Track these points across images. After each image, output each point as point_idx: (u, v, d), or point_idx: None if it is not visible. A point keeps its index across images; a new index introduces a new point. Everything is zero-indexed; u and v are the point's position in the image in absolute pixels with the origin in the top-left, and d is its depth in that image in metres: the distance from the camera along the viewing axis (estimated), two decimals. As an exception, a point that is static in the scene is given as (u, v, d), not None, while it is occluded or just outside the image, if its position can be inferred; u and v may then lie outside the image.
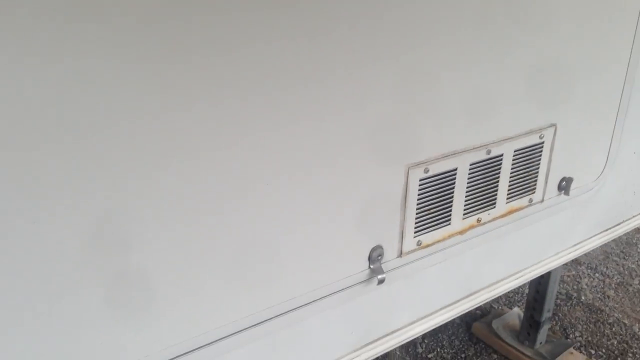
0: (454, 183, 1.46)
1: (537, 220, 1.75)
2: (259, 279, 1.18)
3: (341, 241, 1.29)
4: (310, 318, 1.32)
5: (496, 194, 1.58)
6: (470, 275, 1.66)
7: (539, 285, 2.43)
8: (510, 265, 1.78)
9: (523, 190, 1.65)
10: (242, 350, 1.23)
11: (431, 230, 1.47)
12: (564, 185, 1.76)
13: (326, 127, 1.16)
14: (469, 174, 1.48)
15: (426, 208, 1.43)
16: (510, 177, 1.60)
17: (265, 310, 1.22)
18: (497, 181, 1.57)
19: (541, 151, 1.65)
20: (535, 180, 1.67)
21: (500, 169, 1.56)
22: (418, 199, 1.40)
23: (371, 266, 1.38)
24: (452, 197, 1.47)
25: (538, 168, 1.66)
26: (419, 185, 1.39)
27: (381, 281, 1.38)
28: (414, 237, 1.44)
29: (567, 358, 2.48)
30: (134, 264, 1.00)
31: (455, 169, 1.45)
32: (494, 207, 1.60)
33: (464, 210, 1.52)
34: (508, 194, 1.61)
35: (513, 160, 1.58)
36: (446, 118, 1.37)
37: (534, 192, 1.68)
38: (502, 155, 1.55)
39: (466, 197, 1.50)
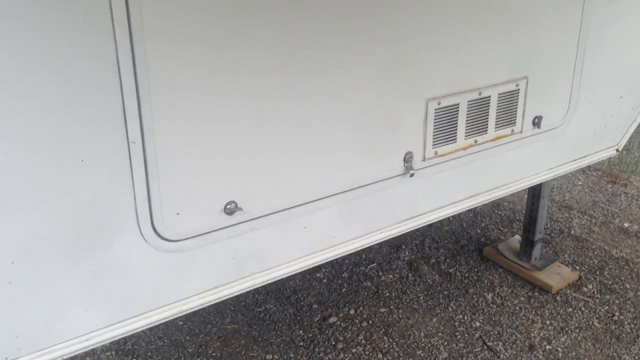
0: (457, 113, 2.25)
1: (518, 147, 2.52)
2: (343, 164, 1.98)
3: (388, 147, 2.09)
4: (368, 195, 2.12)
5: (487, 123, 2.37)
6: (471, 181, 2.44)
7: (532, 212, 3.19)
8: (500, 178, 2.55)
9: (506, 123, 2.43)
10: (324, 212, 2.02)
11: (443, 145, 2.26)
12: (537, 122, 2.53)
13: (385, 76, 1.96)
14: (467, 107, 2.27)
15: (439, 129, 2.22)
16: (497, 113, 2.38)
17: (342, 187, 2.02)
18: (487, 114, 2.35)
19: (517, 95, 2.42)
20: (515, 116, 2.45)
21: (489, 106, 2.34)
22: (434, 122, 2.19)
23: (405, 164, 2.17)
24: (456, 122, 2.26)
25: (516, 107, 2.44)
26: (434, 112, 2.18)
27: (412, 175, 2.18)
28: (432, 148, 2.23)
29: (555, 269, 3.24)
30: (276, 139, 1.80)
31: (458, 104, 2.24)
32: (486, 132, 2.38)
33: (465, 132, 2.31)
34: (496, 124, 2.40)
35: (498, 100, 2.36)
36: (452, 68, 2.16)
37: (514, 125, 2.46)
38: (489, 96, 2.33)
39: (466, 123, 2.29)
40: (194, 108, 1.62)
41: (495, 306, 3.04)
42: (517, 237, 3.47)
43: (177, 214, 1.69)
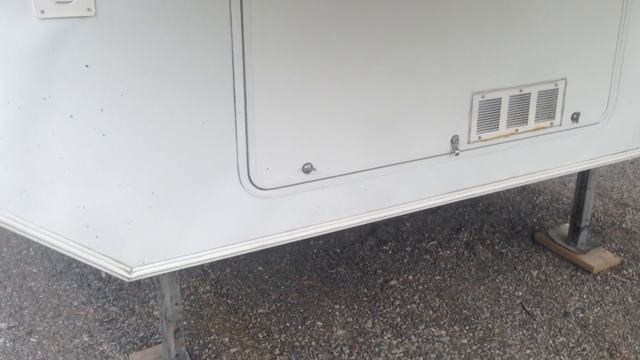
0: (499, 105, 2.70)
1: (557, 138, 2.93)
2: (400, 140, 2.49)
3: (438, 129, 2.58)
4: (419, 168, 2.62)
5: (527, 116, 2.80)
6: (512, 164, 2.88)
7: (579, 201, 3.56)
8: (540, 163, 2.96)
9: (545, 116, 2.85)
10: (381, 178, 2.54)
11: (486, 131, 2.72)
12: (575, 117, 2.93)
13: (447, 71, 2.46)
14: (509, 101, 2.72)
15: (483, 117, 2.68)
16: (537, 107, 2.81)
17: (398, 159, 2.53)
18: (528, 108, 2.79)
19: (557, 94, 2.84)
20: (554, 111, 2.87)
21: (529, 101, 2.78)
22: (478, 112, 2.66)
23: (452, 145, 2.65)
24: (498, 113, 2.71)
25: (555, 103, 2.86)
26: (479, 104, 2.65)
27: (457, 154, 2.65)
28: (476, 133, 2.70)
29: (598, 253, 3.59)
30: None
31: (500, 98, 2.70)
32: (526, 123, 2.81)
33: (507, 122, 2.75)
34: (536, 117, 2.82)
35: (538, 97, 2.79)
36: (495, 67, 2.62)
37: (553, 118, 2.88)
38: (530, 93, 2.77)
39: (508, 114, 2.74)
40: (282, 91, 2.20)
41: (539, 281, 3.44)
42: (567, 225, 3.83)
43: (267, 169, 2.27)
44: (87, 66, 1.88)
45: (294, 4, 2.12)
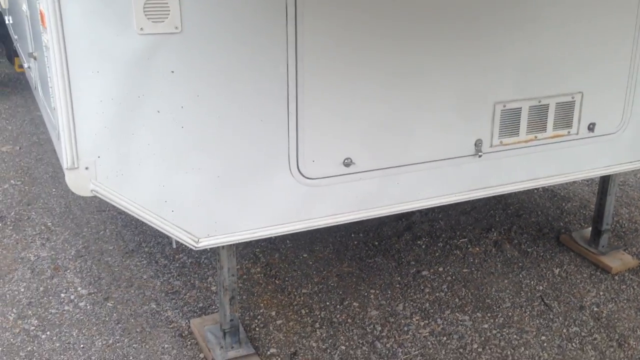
0: (520, 114, 3.06)
1: (575, 145, 3.26)
2: (430, 140, 2.88)
3: (464, 133, 2.96)
4: (446, 167, 3.00)
5: (546, 124, 3.14)
6: (532, 167, 3.22)
7: (600, 206, 3.86)
8: (558, 167, 3.28)
9: (563, 125, 3.19)
10: (413, 174, 2.93)
11: (508, 137, 3.08)
12: (591, 127, 3.25)
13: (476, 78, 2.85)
14: (529, 111, 3.07)
15: (504, 124, 3.04)
16: (555, 117, 3.15)
17: (427, 157, 2.92)
18: (546, 117, 3.13)
19: (573, 106, 3.18)
20: (571, 121, 3.20)
21: (547, 111, 3.12)
22: (500, 119, 3.02)
23: (475, 148, 3.02)
24: (519, 121, 3.07)
25: (572, 114, 3.19)
26: (500, 112, 3.01)
27: (480, 156, 3.02)
28: (498, 138, 3.06)
29: (618, 255, 3.87)
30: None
31: (520, 108, 3.06)
32: (545, 131, 3.16)
33: (527, 129, 3.11)
34: (554, 125, 3.16)
35: (556, 108, 3.14)
36: (516, 80, 2.99)
37: (570, 127, 3.21)
38: (548, 104, 3.11)
39: (527, 122, 3.09)
40: (328, 95, 2.63)
41: (560, 278, 3.76)
42: (590, 229, 4.12)
43: (313, 161, 2.70)
44: (172, 72, 2.35)
45: (342, 24, 2.56)
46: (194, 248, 2.60)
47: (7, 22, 5.58)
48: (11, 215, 4.46)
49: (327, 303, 3.53)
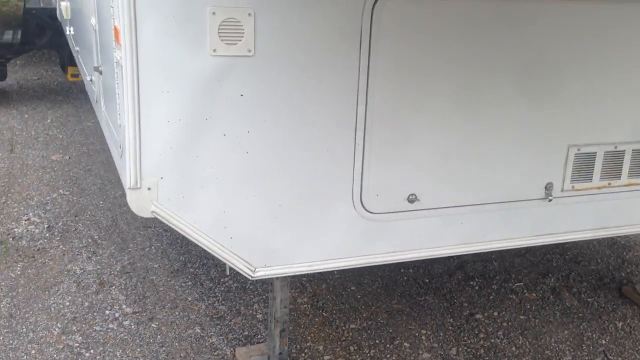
0: (594, 159, 2.91)
1: (650, 195, 3.09)
2: (499, 182, 2.75)
3: (535, 175, 2.82)
4: (514, 209, 2.85)
5: (621, 170, 2.98)
6: (604, 215, 3.05)
7: (670, 259, 3.65)
8: (631, 217, 3.11)
9: (639, 173, 3.02)
10: (479, 215, 2.80)
11: (580, 182, 2.92)
12: (670, 177, 3.08)
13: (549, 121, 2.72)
14: (604, 156, 2.92)
15: (577, 168, 2.89)
16: (630, 164, 2.98)
17: (495, 199, 2.79)
18: (622, 164, 2.97)
19: (652, 154, 3.01)
20: (648, 170, 3.04)
21: (623, 157, 2.96)
22: (573, 163, 2.87)
23: (545, 191, 2.88)
24: (593, 166, 2.92)
25: (649, 163, 3.03)
26: (574, 156, 2.87)
27: (550, 200, 2.88)
28: (570, 182, 2.91)
29: (687, 312, 3.65)
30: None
31: (595, 152, 2.90)
32: (619, 178, 2.99)
33: (600, 175, 2.95)
34: (629, 173, 3.00)
35: (632, 155, 2.97)
36: (591, 124, 2.84)
37: (647, 177, 3.04)
38: (624, 150, 2.95)
39: (602, 168, 2.93)
40: (395, 130, 2.53)
41: (623, 332, 3.55)
42: (656, 282, 3.90)
43: (377, 195, 2.59)
44: (241, 95, 2.29)
45: (412, 60, 2.47)
46: (250, 278, 2.51)
47: (67, 32, 5.64)
48: (59, 225, 4.46)
49: (377, 341, 3.39)
